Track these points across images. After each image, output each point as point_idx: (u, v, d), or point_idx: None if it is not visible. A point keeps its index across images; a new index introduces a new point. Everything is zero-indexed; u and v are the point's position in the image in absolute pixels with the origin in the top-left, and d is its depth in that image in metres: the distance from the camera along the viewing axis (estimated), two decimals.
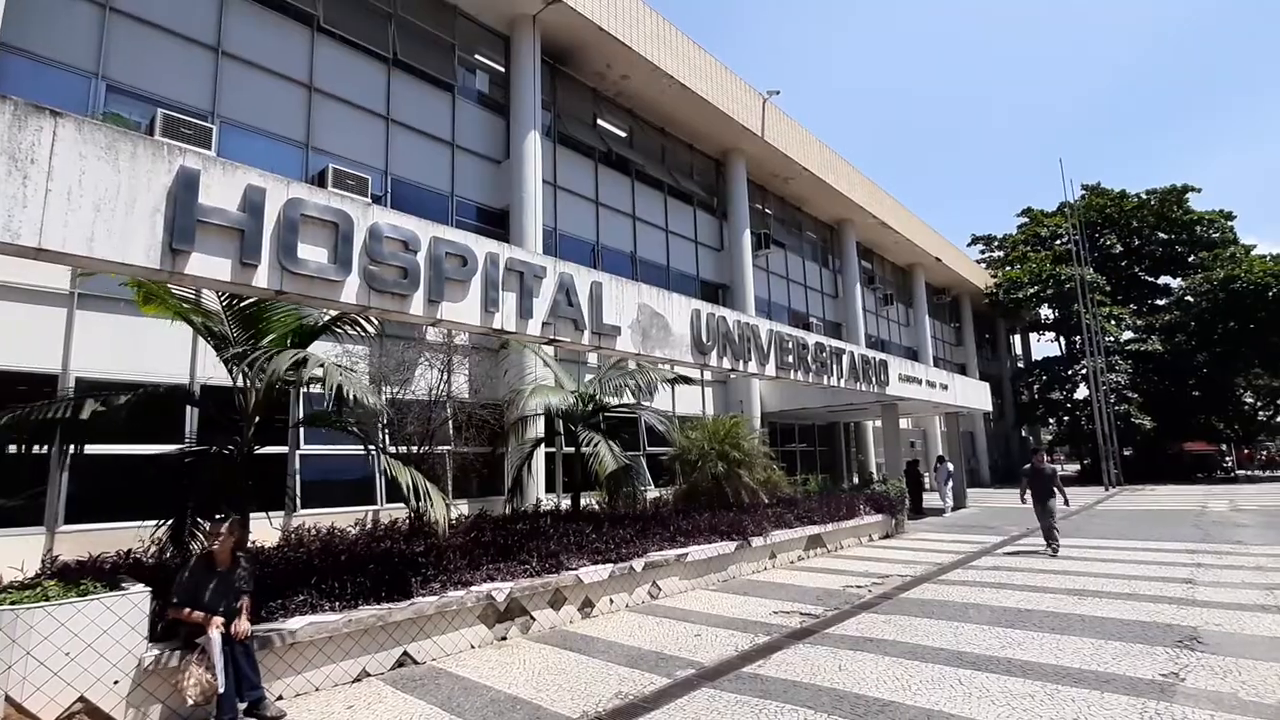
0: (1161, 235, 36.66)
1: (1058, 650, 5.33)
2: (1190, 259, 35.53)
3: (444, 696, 4.76)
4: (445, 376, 9.27)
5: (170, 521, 5.79)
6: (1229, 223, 35.77)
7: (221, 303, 5.86)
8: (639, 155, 16.85)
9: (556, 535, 7.78)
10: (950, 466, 20.21)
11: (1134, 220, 36.93)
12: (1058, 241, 36.49)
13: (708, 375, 17.21)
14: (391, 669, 5.39)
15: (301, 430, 9.43)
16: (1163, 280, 37.93)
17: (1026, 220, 40.30)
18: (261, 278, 4.83)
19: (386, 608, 5.48)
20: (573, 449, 10.29)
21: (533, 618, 6.55)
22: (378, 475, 10.32)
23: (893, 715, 4.07)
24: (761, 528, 10.17)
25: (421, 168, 12.19)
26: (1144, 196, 37.06)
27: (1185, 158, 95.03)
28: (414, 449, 8.60)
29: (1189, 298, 32.87)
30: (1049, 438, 45.76)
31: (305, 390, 8.19)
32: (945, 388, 18.19)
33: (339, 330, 6.55)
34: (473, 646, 5.98)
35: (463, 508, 10.55)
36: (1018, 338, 45.28)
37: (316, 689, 4.94)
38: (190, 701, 4.06)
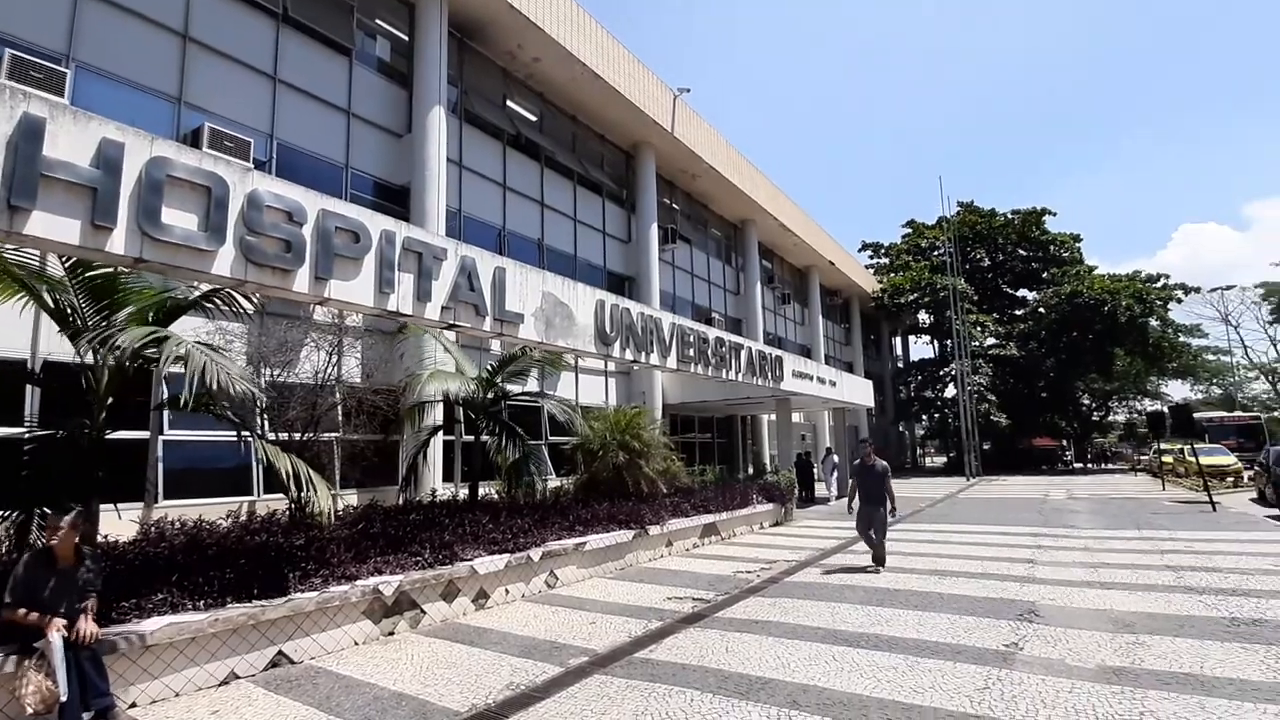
0: (1022, 252, 40.74)
1: (919, 626, 5.83)
2: (1044, 275, 39.72)
3: (321, 696, 4.53)
4: (334, 359, 8.73)
5: (13, 514, 5.11)
6: (1077, 244, 40.28)
7: (65, 267, 5.19)
8: (549, 141, 16.59)
9: (452, 526, 7.57)
10: (836, 458, 21.55)
11: (1000, 237, 40.80)
12: (935, 252, 39.61)
13: (611, 366, 17.33)
14: (264, 670, 5.05)
15: (165, 414, 8.58)
16: (1021, 293, 42.18)
17: (910, 231, 43.43)
18: (117, 243, 4.35)
19: (260, 605, 5.12)
20: (472, 437, 10.03)
21: (423, 611, 6.35)
22: (254, 463, 9.59)
23: (772, 691, 4.31)
24: (659, 517, 10.39)
25: (313, 135, 11.38)
26: (1009, 216, 41.03)
27: (1044, 182, 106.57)
28: (297, 436, 8.06)
29: (1041, 309, 36.83)
30: (922, 433, 49.83)
31: (168, 371, 7.46)
32: (834, 384, 19.34)
33: (211, 306, 6.00)
34: (357, 643, 5.72)
35: (351, 498, 10.02)
36: (899, 339, 48.86)
37: (177, 694, 4.55)
38: (30, 710, 3.63)
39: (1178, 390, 51.67)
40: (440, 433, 10.60)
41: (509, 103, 15.49)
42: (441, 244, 6.87)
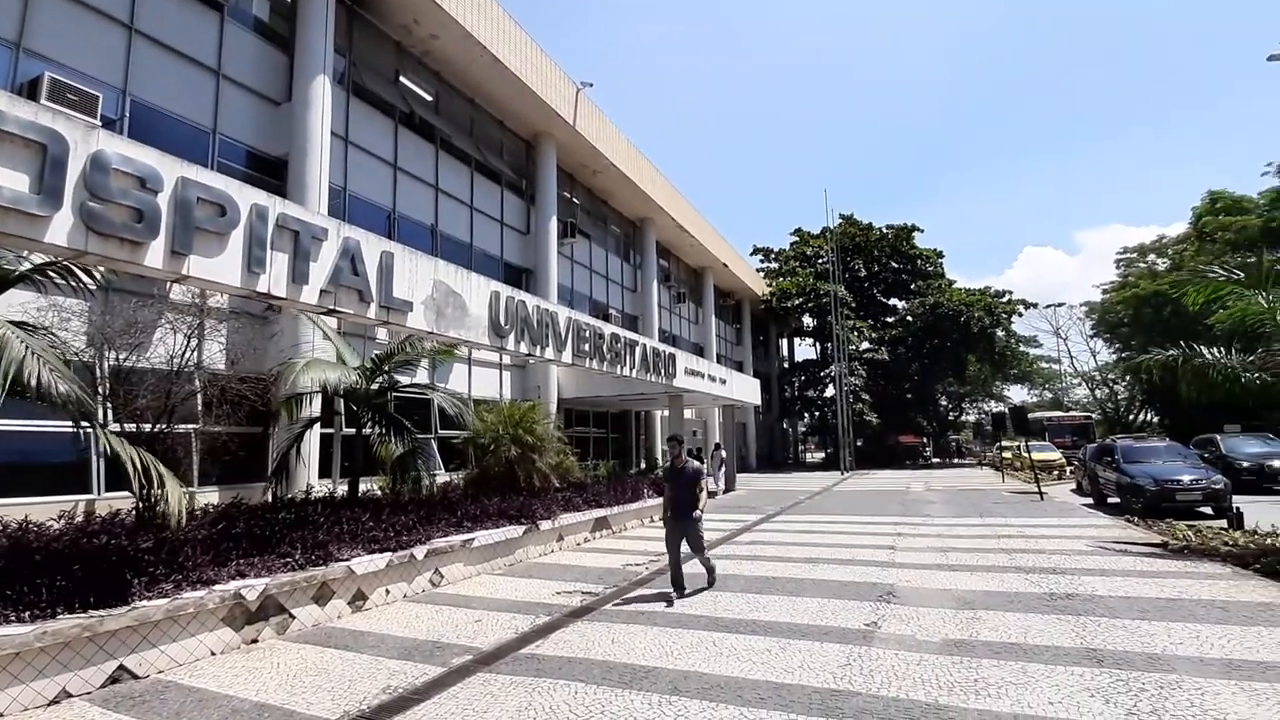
0: (894, 264, 44.28)
1: (793, 610, 6.22)
2: (912, 286, 43.43)
3: (170, 712, 4.13)
4: (193, 342, 7.93)
5: None
6: (940, 259, 44.33)
7: None
8: (446, 124, 15.97)
9: (327, 524, 7.13)
10: (724, 454, 22.39)
11: (876, 249, 44.12)
12: (820, 260, 42.16)
13: (506, 359, 17.00)
14: (103, 686, 4.52)
15: None
16: (892, 301, 45.85)
17: (797, 239, 45.94)
18: None
19: (97, 615, 4.58)
20: (354, 431, 9.49)
21: (292, 616, 5.94)
22: (95, 458, 8.55)
23: (655, 680, 4.44)
24: (551, 511, 10.35)
25: (176, 95, 10.27)
26: (884, 231, 44.47)
27: (915, 200, 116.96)
28: (148, 427, 7.26)
29: (909, 318, 40.36)
30: (803, 430, 52.88)
31: None
32: (724, 382, 20.10)
33: (44, 279, 5.28)
34: (214, 653, 5.26)
35: (211, 496, 9.17)
36: (786, 341, 51.50)
37: (1, 715, 3.98)
38: None
39: (1017, 394, 58.47)
40: (317, 425, 9.95)
41: (402, 79, 14.74)
42: (322, 223, 6.45)
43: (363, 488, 9.47)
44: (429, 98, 15.50)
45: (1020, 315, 40.68)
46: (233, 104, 11.14)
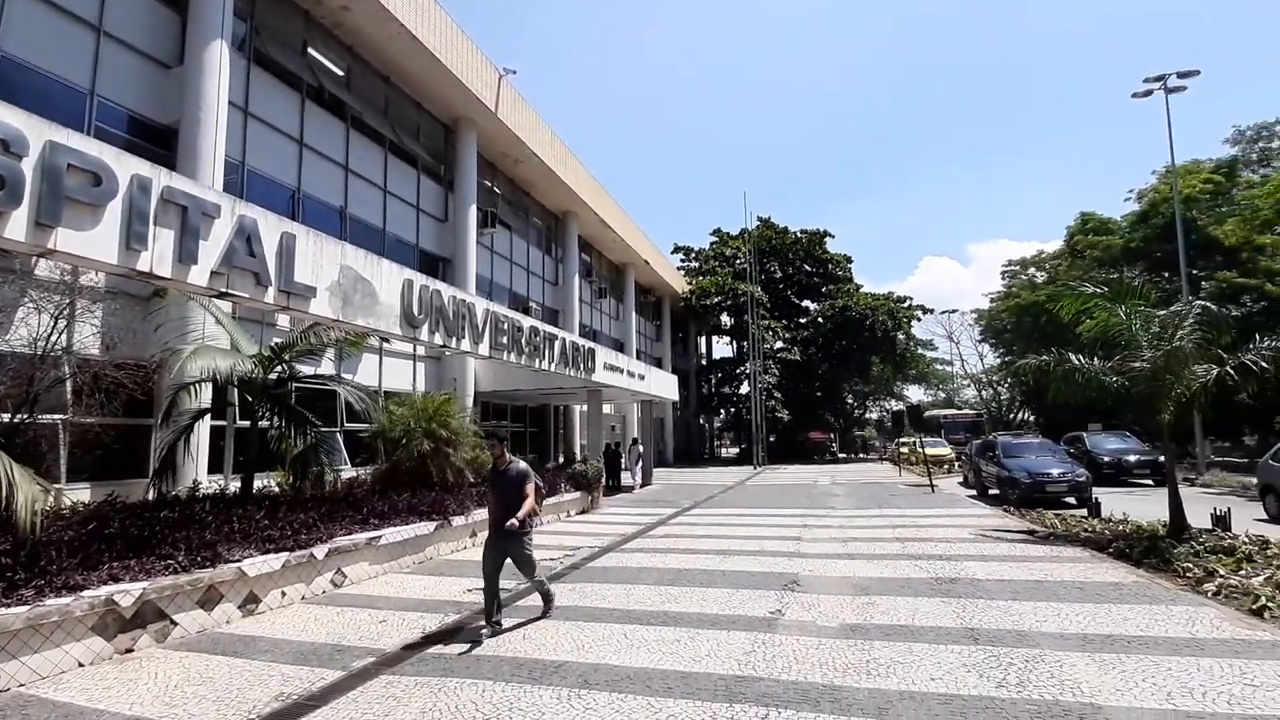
0: (807, 267, 46.11)
1: (703, 601, 6.40)
2: (823, 289, 45.40)
3: None
4: (61, 324, 7.17)
5: None
6: (849, 264, 46.58)
7: None
8: (359, 101, 15.19)
9: (216, 523, 6.65)
10: (642, 448, 22.62)
11: (790, 252, 45.80)
12: (738, 261, 43.30)
13: (421, 350, 16.42)
14: None
15: None
16: (805, 303, 47.76)
17: (716, 239, 46.96)
18: None
19: None
20: (249, 423, 8.89)
21: (174, 622, 5.51)
22: None
23: (565, 674, 4.45)
24: (465, 507, 10.11)
25: (45, 49, 9.21)
26: (799, 234, 46.22)
27: (827, 207, 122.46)
28: (6, 417, 6.50)
29: (820, 319, 42.16)
30: (719, 426, 54.25)
31: None
32: (643, 378, 20.29)
33: None
34: (83, 664, 4.80)
35: (83, 493, 8.34)
36: (704, 339, 52.58)
37: None
38: None
39: (915, 393, 62.59)
40: (208, 417, 9.25)
41: (311, 50, 13.88)
42: (214, 199, 5.99)
43: (260, 484, 8.90)
44: (340, 72, 14.68)
45: (919, 320, 43.50)
46: (115, 64, 10.12)
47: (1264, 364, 8.24)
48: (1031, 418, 46.41)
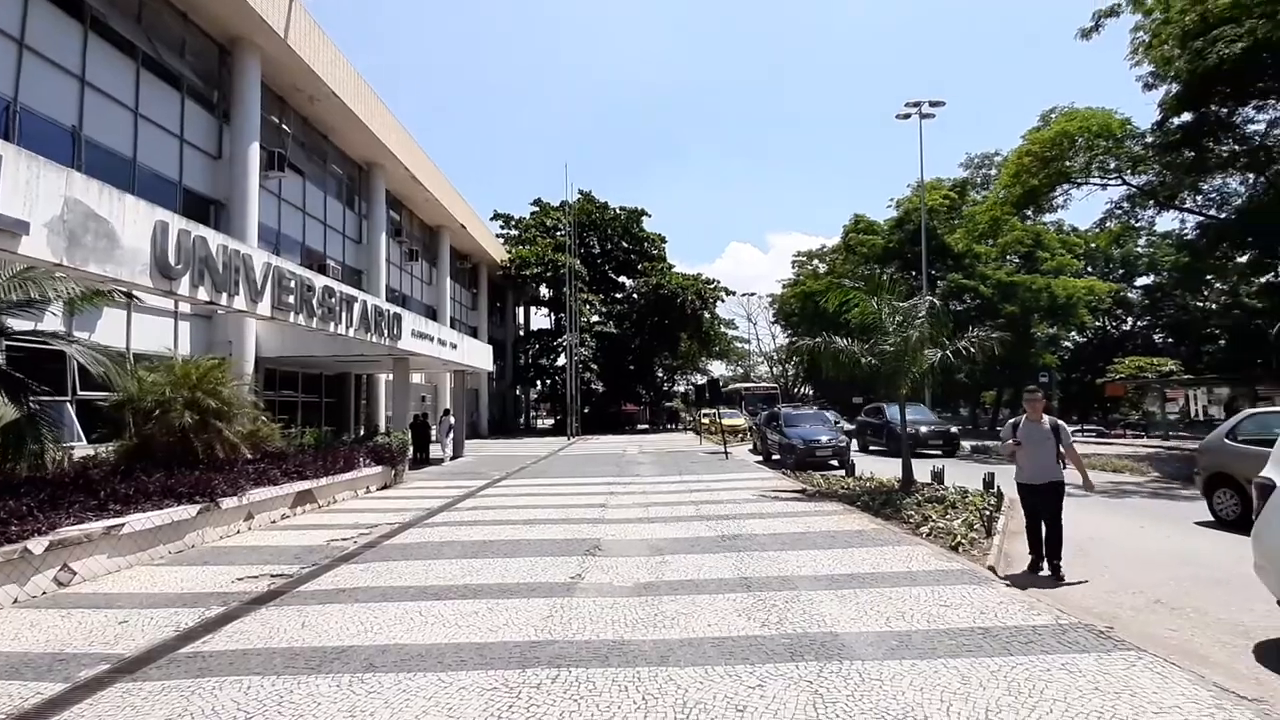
0: (625, 244, 47.50)
1: (505, 571, 6.41)
2: (639, 266, 47.15)
3: None
4: None
5: None
6: (664, 244, 48.81)
7: None
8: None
9: None
10: (453, 420, 21.84)
11: (610, 228, 46.81)
12: (558, 233, 43.22)
13: (185, 307, 14.08)
14: None
15: None
16: (622, 279, 49.25)
17: (537, 209, 46.36)
18: None
19: None
20: None
21: None
22: None
23: (348, 659, 4.19)
24: (238, 486, 8.97)
25: None
26: (618, 211, 47.33)
27: (643, 184, 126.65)
28: None
29: (635, 295, 43.87)
30: (535, 397, 54.17)
31: None
32: (455, 347, 19.49)
33: None
34: None
35: None
36: (522, 309, 51.85)
37: None
38: None
39: (718, 368, 68.03)
40: None
41: None
42: None
43: None
44: None
45: (723, 301, 47.22)
46: None
47: (972, 349, 10.27)
48: (811, 391, 52.87)
